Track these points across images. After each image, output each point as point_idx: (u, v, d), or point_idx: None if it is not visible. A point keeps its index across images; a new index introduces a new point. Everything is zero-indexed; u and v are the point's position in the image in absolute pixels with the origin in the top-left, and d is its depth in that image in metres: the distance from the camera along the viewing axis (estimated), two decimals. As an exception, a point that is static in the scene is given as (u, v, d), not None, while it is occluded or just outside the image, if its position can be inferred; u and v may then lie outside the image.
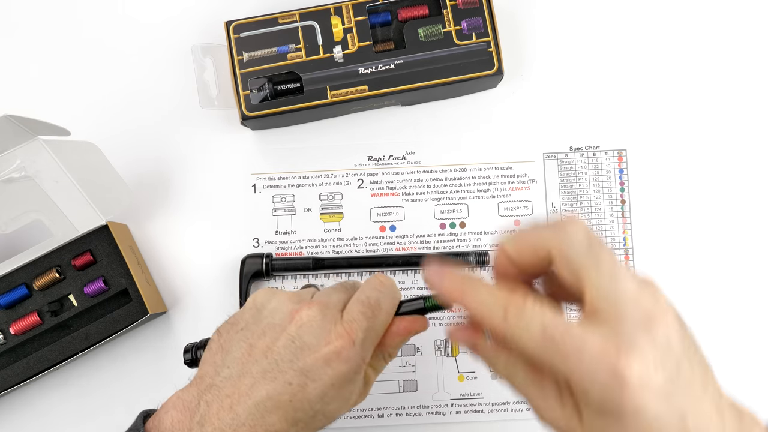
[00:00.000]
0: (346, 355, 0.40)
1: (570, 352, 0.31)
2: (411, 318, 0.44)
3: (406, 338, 0.44)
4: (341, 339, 0.40)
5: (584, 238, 0.33)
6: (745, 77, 0.61)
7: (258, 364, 0.41)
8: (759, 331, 0.59)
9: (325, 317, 0.41)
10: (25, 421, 0.59)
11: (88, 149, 0.56)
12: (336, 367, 0.40)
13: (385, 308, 0.43)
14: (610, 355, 0.30)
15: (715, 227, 0.60)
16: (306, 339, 0.41)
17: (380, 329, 0.42)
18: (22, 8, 0.63)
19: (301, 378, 0.40)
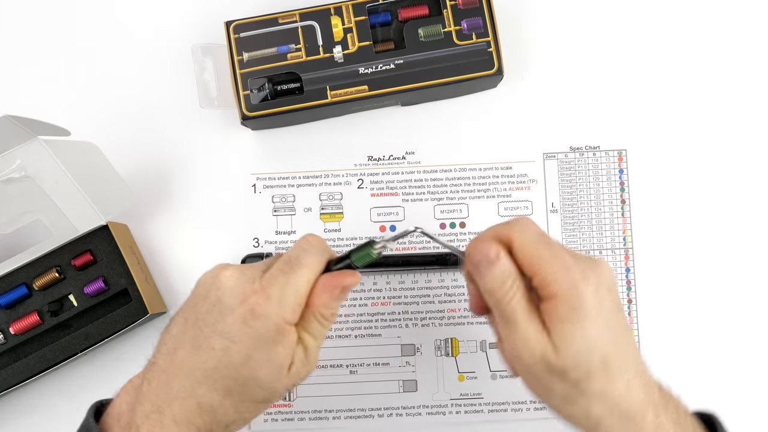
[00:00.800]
0: (261, 311, 0.40)
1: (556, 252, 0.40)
2: (337, 272, 0.43)
3: (335, 295, 0.42)
4: (256, 295, 0.40)
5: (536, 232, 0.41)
6: (745, 77, 0.61)
7: (187, 334, 0.41)
8: (758, 331, 0.59)
9: (243, 275, 0.41)
10: (25, 421, 0.59)
11: (88, 149, 0.56)
12: (253, 325, 0.39)
13: (306, 263, 0.42)
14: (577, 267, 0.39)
15: (714, 227, 0.60)
16: (224, 299, 0.41)
17: (301, 285, 0.41)
18: (22, 8, 0.63)
19: (222, 341, 0.40)
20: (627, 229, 0.60)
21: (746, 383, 0.59)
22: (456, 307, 0.59)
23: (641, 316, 0.59)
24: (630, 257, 0.60)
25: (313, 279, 0.42)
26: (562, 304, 0.39)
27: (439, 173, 0.61)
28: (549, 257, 0.40)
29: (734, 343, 0.59)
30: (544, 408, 0.58)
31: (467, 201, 0.60)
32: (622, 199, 0.60)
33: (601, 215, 0.60)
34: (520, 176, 0.61)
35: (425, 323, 0.59)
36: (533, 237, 0.40)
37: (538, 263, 0.40)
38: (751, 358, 0.59)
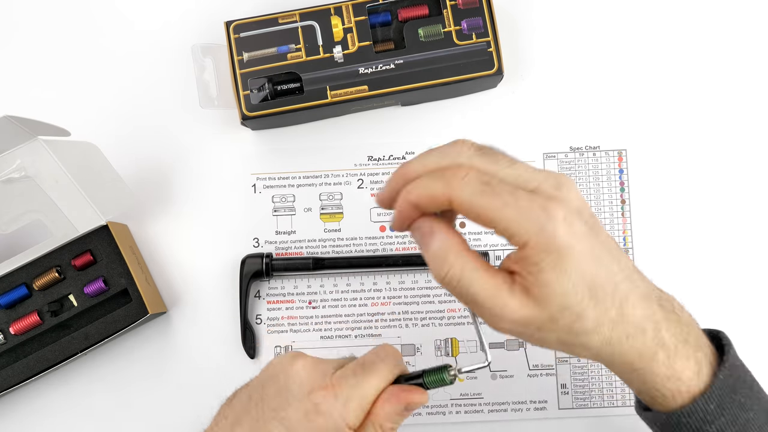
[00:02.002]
0: (325, 409, 0.39)
1: (506, 198, 0.35)
2: (406, 387, 0.41)
3: (399, 410, 0.40)
4: (324, 390, 0.40)
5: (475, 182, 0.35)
6: (745, 77, 0.62)
7: (250, 414, 0.41)
8: (758, 330, 0.59)
9: (315, 369, 0.41)
10: (25, 421, 0.59)
11: (88, 149, 0.56)
12: (314, 420, 0.39)
13: (379, 371, 0.40)
14: (538, 202, 0.35)
15: (715, 227, 0.60)
16: (292, 388, 0.40)
17: (370, 391, 0.40)
18: (22, 9, 0.63)
19: (281, 428, 0.40)
20: (627, 229, 0.60)
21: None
22: (456, 307, 0.59)
23: (641, 316, 0.59)
24: (630, 257, 0.60)
25: (383, 388, 0.40)
26: (534, 253, 0.35)
27: (439, 173, 0.61)
28: (499, 206, 0.35)
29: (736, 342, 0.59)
30: (544, 408, 0.59)
31: (467, 201, 0.60)
32: (622, 199, 0.60)
33: (601, 215, 0.60)
34: (520, 176, 0.60)
35: (425, 323, 0.59)
36: (473, 189, 0.35)
37: (491, 217, 0.35)
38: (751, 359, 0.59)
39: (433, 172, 0.37)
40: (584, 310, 0.36)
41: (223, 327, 0.60)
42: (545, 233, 0.34)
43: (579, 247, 0.35)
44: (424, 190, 0.36)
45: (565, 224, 0.35)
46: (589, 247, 0.36)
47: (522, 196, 0.35)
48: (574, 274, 0.35)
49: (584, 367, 0.59)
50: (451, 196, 0.35)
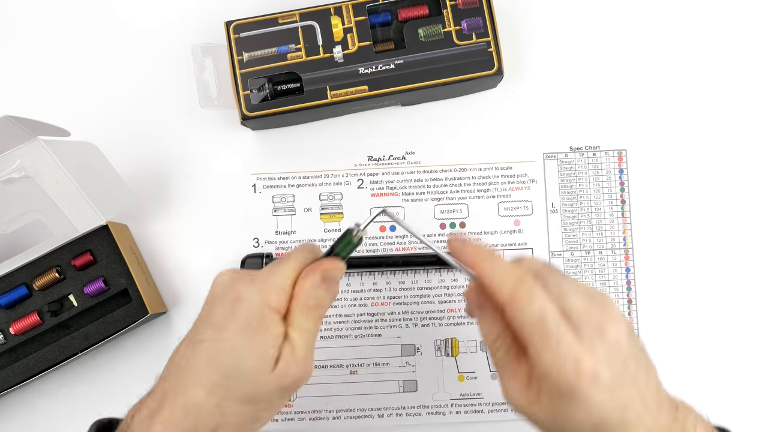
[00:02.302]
0: (243, 294, 0.40)
1: (552, 340, 0.37)
2: (318, 260, 0.43)
3: (317, 281, 0.42)
4: (241, 281, 0.41)
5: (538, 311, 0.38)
6: (745, 77, 0.61)
7: (187, 336, 0.42)
8: (758, 331, 0.59)
9: (236, 272, 0.42)
10: (25, 421, 0.59)
11: (88, 149, 0.56)
12: (236, 310, 0.40)
13: (291, 257, 0.42)
14: (577, 349, 0.37)
15: (715, 227, 0.60)
16: (216, 292, 0.41)
17: (284, 273, 0.41)
18: (21, 9, 0.63)
19: (211, 332, 0.40)
20: (627, 229, 0.60)
21: (747, 383, 0.59)
22: (456, 308, 0.59)
23: (641, 316, 0.59)
24: (630, 257, 0.60)
25: (298, 269, 0.42)
26: (551, 386, 0.37)
27: (439, 173, 0.61)
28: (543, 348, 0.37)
29: (734, 343, 0.59)
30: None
31: (467, 201, 0.60)
32: (622, 199, 0.60)
33: (601, 215, 0.60)
34: (520, 176, 0.61)
35: (425, 323, 0.59)
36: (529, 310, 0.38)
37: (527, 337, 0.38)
38: (752, 358, 0.59)
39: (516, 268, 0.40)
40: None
41: (223, 327, 0.60)
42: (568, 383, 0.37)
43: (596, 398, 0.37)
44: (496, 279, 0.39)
45: (590, 381, 0.37)
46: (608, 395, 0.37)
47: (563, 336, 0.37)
48: (579, 417, 0.37)
49: (584, 368, 0.59)
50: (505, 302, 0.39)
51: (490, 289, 0.39)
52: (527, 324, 0.38)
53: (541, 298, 0.38)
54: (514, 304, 0.38)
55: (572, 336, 0.37)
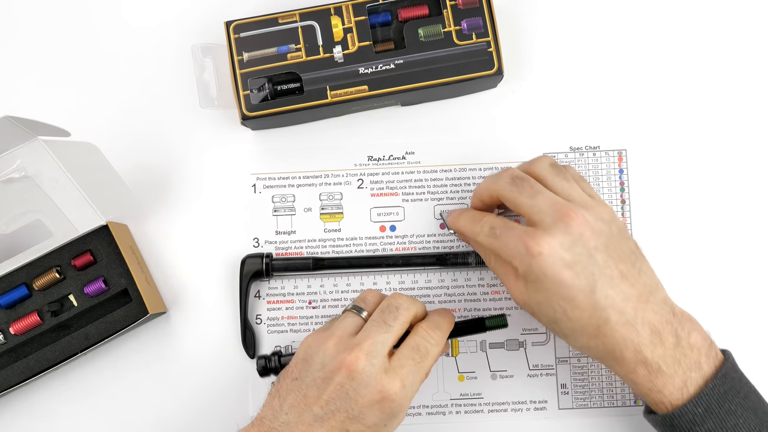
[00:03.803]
0: (396, 398, 0.45)
1: (502, 239, 0.48)
2: None
3: None
4: (392, 384, 0.45)
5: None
6: (745, 77, 0.61)
7: (311, 412, 0.45)
8: (758, 329, 0.59)
9: (373, 367, 0.46)
10: (25, 421, 0.59)
11: (88, 150, 0.56)
12: (386, 408, 0.45)
13: (433, 355, 0.49)
14: (526, 237, 0.46)
15: (715, 227, 0.60)
16: (358, 389, 0.45)
17: (427, 370, 0.49)
18: (22, 9, 0.63)
19: (353, 424, 0.45)
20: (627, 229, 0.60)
21: (746, 383, 0.59)
22: (456, 307, 0.59)
23: (641, 316, 0.59)
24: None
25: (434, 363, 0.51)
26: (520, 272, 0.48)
27: (439, 173, 0.61)
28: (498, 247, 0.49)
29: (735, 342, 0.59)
30: (544, 408, 0.59)
31: (467, 201, 0.60)
32: (622, 199, 0.60)
33: (601, 215, 0.60)
34: (520, 176, 0.60)
35: (425, 323, 0.59)
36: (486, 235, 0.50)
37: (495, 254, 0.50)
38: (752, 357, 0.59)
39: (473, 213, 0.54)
40: (558, 320, 0.47)
41: (223, 327, 0.60)
42: (523, 264, 0.47)
43: (550, 279, 0.46)
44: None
45: (539, 258, 0.46)
46: (572, 275, 0.46)
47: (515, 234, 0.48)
48: (542, 295, 0.47)
49: (584, 367, 0.59)
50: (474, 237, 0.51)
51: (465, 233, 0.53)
52: (485, 243, 0.50)
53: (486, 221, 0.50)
54: (475, 237, 0.51)
55: (524, 229, 0.47)
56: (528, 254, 0.46)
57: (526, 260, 0.46)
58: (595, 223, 0.47)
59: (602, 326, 0.46)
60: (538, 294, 0.47)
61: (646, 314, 0.46)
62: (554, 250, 0.45)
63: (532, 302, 0.48)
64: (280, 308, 0.60)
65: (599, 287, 0.46)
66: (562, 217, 0.46)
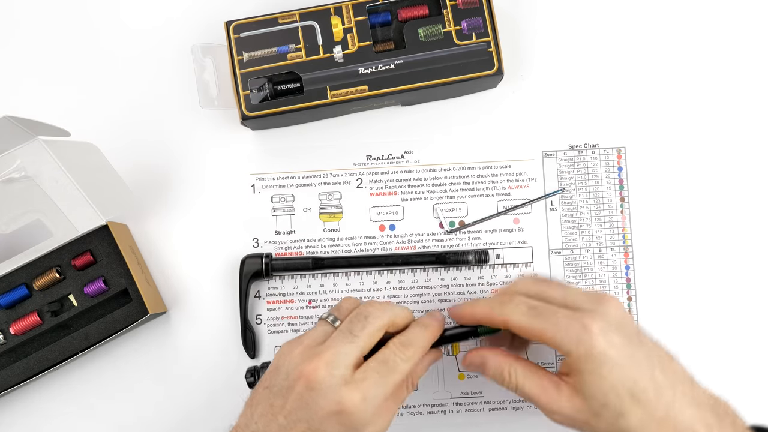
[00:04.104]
0: (354, 411, 0.43)
1: (549, 318, 0.45)
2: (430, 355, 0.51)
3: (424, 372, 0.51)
4: (351, 396, 0.43)
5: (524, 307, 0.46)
6: (744, 75, 0.62)
7: (276, 422, 0.45)
8: (757, 328, 0.60)
9: (333, 378, 0.44)
10: (25, 421, 0.59)
11: (88, 150, 0.56)
12: (345, 421, 0.43)
13: (402, 371, 0.46)
14: (580, 316, 0.44)
15: (714, 224, 0.60)
16: (317, 400, 0.44)
17: (394, 385, 0.46)
18: (22, 9, 0.63)
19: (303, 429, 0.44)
20: (626, 227, 0.60)
21: (747, 380, 0.59)
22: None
23: (641, 314, 0.60)
24: (629, 255, 0.60)
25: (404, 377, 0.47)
26: (574, 360, 0.43)
27: (438, 172, 0.61)
28: (544, 327, 0.45)
29: (735, 340, 0.59)
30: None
31: (466, 199, 0.61)
32: (621, 197, 0.61)
33: (600, 213, 0.60)
34: (519, 174, 0.61)
35: (425, 322, 0.59)
36: (523, 314, 0.46)
37: (539, 335, 0.45)
38: (752, 355, 0.59)
39: (495, 298, 0.49)
40: (626, 410, 0.43)
41: (223, 327, 0.60)
42: (583, 344, 0.43)
43: (616, 355, 0.43)
44: (486, 309, 0.48)
45: (601, 336, 0.43)
46: (628, 355, 0.43)
47: (562, 315, 0.44)
48: (611, 378, 0.43)
49: (584, 366, 0.59)
50: (505, 318, 0.46)
51: (488, 318, 0.48)
52: (522, 322, 0.46)
53: (522, 299, 0.47)
54: (507, 314, 0.46)
55: (569, 311, 0.45)
56: (587, 333, 0.43)
57: (586, 340, 0.43)
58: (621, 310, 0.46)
59: (670, 407, 0.43)
60: (600, 382, 0.43)
61: (699, 393, 0.45)
62: (611, 330, 0.44)
63: (589, 401, 0.44)
64: (280, 308, 0.60)
65: (657, 370, 0.44)
66: (601, 302, 0.45)
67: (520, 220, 0.60)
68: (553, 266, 0.60)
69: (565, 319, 0.44)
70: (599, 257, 0.60)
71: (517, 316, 0.46)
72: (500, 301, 0.47)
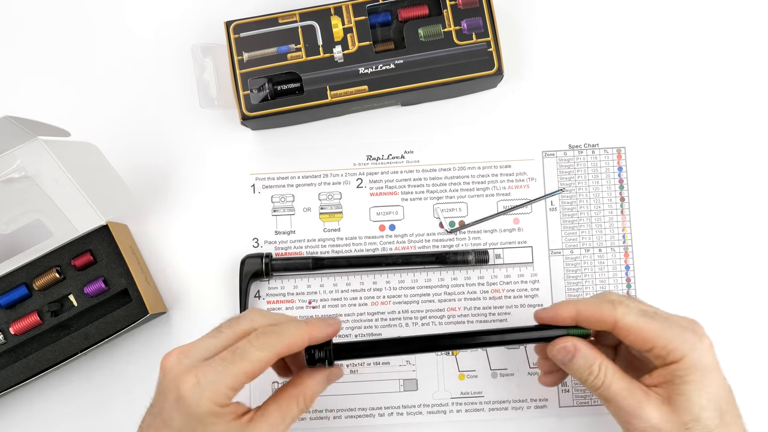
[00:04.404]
0: (187, 395, 0.41)
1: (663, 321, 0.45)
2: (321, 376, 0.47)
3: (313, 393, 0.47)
4: (186, 380, 0.41)
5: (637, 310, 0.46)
6: (744, 75, 0.62)
7: (145, 421, 0.45)
8: (757, 328, 0.60)
9: (180, 364, 0.42)
10: (25, 421, 0.59)
11: (88, 150, 0.56)
12: (183, 408, 0.41)
13: (252, 359, 0.42)
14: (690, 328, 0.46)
15: (714, 224, 0.60)
16: (165, 388, 0.42)
17: (241, 372, 0.42)
18: (22, 9, 0.63)
19: (159, 422, 0.43)
20: (626, 227, 0.60)
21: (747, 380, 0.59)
22: (456, 306, 0.60)
23: (640, 314, 0.60)
24: (629, 255, 0.60)
25: (259, 368, 0.43)
26: (684, 367, 0.44)
27: (438, 172, 0.61)
28: (661, 328, 0.45)
29: (735, 340, 0.59)
30: (545, 407, 0.59)
31: (466, 199, 0.61)
32: (621, 197, 0.61)
33: (600, 213, 0.60)
34: (519, 174, 0.61)
35: (425, 322, 0.60)
36: (638, 315, 0.45)
37: (653, 337, 0.45)
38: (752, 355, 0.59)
39: (601, 299, 0.47)
40: (713, 426, 0.44)
41: (223, 327, 0.60)
42: (697, 352, 0.44)
43: (718, 371, 0.45)
44: (595, 308, 0.46)
45: (712, 349, 0.45)
46: (723, 377, 0.45)
47: (676, 321, 0.45)
48: (712, 392, 0.44)
49: (584, 366, 0.59)
50: (616, 317, 0.45)
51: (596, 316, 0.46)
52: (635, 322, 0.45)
53: (635, 301, 0.46)
54: (621, 314, 0.45)
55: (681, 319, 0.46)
56: (702, 343, 0.45)
57: (701, 349, 0.45)
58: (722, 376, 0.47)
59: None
60: (700, 395, 0.44)
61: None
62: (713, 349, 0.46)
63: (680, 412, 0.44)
64: (280, 308, 0.60)
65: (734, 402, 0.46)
66: (696, 324, 0.47)
67: (520, 220, 0.60)
68: (553, 266, 0.60)
69: (680, 327, 0.45)
70: (599, 257, 0.60)
71: (631, 317, 0.45)
72: (611, 301, 0.46)
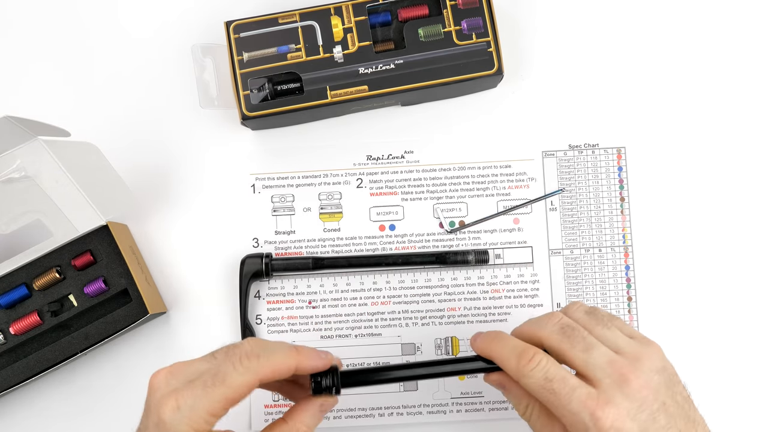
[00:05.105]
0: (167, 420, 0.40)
1: (563, 399, 0.42)
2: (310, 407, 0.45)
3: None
4: (167, 404, 0.40)
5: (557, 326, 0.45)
6: (744, 75, 0.62)
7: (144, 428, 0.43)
8: (758, 327, 0.60)
9: (168, 386, 0.41)
10: (25, 420, 0.59)
11: (88, 150, 0.56)
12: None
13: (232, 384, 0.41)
14: (591, 402, 0.41)
15: (714, 224, 0.60)
16: (149, 403, 0.42)
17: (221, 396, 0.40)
18: (21, 8, 0.63)
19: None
20: (626, 227, 0.60)
21: (747, 380, 0.59)
22: (456, 306, 0.60)
23: (641, 314, 0.60)
24: (629, 255, 0.60)
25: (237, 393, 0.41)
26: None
27: (438, 172, 0.61)
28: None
29: (735, 340, 0.59)
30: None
31: (466, 199, 0.61)
32: (621, 197, 0.61)
33: (600, 213, 0.60)
34: (519, 174, 0.61)
35: (425, 322, 0.60)
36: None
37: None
38: (752, 355, 0.59)
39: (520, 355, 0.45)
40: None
41: (223, 327, 0.60)
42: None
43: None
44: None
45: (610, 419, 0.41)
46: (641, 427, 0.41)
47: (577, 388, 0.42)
48: None
49: (584, 366, 0.59)
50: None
51: (502, 367, 0.45)
52: (535, 391, 0.43)
53: (541, 367, 0.43)
54: (520, 378, 0.44)
55: (586, 390, 0.42)
56: (595, 425, 0.41)
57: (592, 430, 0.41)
58: (653, 379, 0.43)
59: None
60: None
61: None
62: (624, 423, 0.41)
63: None
64: (280, 308, 0.60)
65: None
66: (624, 380, 0.42)
67: (520, 220, 0.60)
68: (553, 266, 0.60)
69: (577, 403, 0.42)
70: (599, 257, 0.60)
71: (532, 383, 0.43)
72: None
